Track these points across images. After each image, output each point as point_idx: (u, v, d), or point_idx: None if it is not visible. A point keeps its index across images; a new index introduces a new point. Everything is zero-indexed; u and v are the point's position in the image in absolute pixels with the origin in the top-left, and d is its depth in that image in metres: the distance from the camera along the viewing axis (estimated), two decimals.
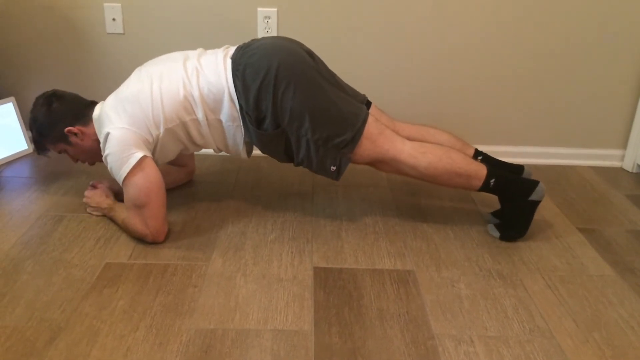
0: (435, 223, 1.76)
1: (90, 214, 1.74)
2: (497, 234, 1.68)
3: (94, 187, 1.77)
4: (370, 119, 1.59)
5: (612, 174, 2.21)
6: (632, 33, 2.10)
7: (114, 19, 2.08)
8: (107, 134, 1.51)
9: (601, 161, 2.30)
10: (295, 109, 1.54)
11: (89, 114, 1.65)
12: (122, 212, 1.63)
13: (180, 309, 1.33)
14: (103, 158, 1.54)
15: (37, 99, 1.68)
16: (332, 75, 1.69)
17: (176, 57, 1.65)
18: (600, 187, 2.09)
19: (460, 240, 1.67)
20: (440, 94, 2.20)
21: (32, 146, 2.22)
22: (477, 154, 1.78)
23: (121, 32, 2.10)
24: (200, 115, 1.58)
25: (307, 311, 1.33)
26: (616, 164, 2.30)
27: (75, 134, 1.63)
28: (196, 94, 1.56)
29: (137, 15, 2.08)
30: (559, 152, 2.28)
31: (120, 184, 1.53)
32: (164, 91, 1.56)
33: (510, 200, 1.65)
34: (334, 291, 1.41)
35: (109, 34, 2.10)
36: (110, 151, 1.51)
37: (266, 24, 2.08)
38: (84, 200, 1.75)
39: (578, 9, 2.07)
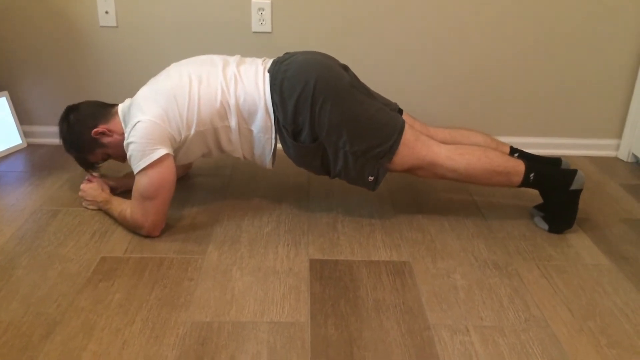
0: (431, 214, 1.76)
1: (85, 207, 1.74)
2: (545, 226, 1.68)
3: (89, 180, 1.76)
4: (405, 126, 1.59)
5: (607, 164, 2.21)
6: (626, 22, 2.10)
7: (106, 12, 2.06)
8: (136, 123, 1.50)
9: (596, 151, 2.30)
10: (333, 123, 1.54)
11: (108, 112, 1.66)
12: (118, 205, 1.63)
13: (176, 302, 1.33)
14: (125, 144, 1.53)
15: (59, 122, 1.68)
16: (365, 86, 1.70)
17: (215, 60, 1.64)
18: (596, 176, 2.09)
19: (455, 231, 1.67)
20: (434, 86, 2.19)
21: (26, 141, 2.21)
22: (513, 151, 1.78)
23: (114, 25, 2.09)
24: (233, 123, 1.58)
25: (303, 303, 1.34)
26: (611, 153, 2.30)
27: (104, 133, 1.63)
28: (232, 102, 1.56)
29: (130, 8, 2.07)
30: (554, 142, 2.28)
31: (135, 173, 1.52)
32: (202, 94, 1.55)
33: (552, 193, 1.65)
34: (330, 283, 1.41)
35: (101, 27, 2.09)
36: (135, 140, 1.50)
37: (260, 16, 2.07)
38: (80, 194, 1.74)
39: None
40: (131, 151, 1.51)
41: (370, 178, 1.61)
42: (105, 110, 1.67)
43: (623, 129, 2.26)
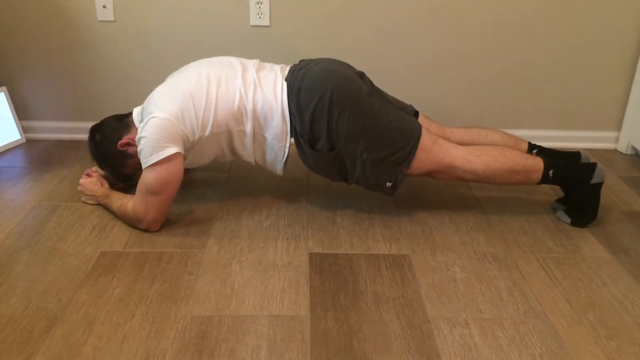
0: (431, 207, 1.76)
1: (85, 202, 1.74)
2: (568, 219, 1.68)
3: (88, 175, 1.76)
4: (422, 131, 1.59)
5: (606, 156, 2.21)
6: (625, 15, 2.09)
7: (104, 6, 2.06)
8: (151, 118, 1.50)
9: (596, 143, 2.30)
10: (351, 132, 1.54)
11: (127, 122, 1.67)
12: (118, 199, 1.63)
13: (176, 296, 1.33)
14: (137, 138, 1.53)
15: (87, 143, 1.71)
16: (380, 92, 1.70)
17: (234, 64, 1.64)
18: None
19: (455, 224, 1.67)
20: (431, 80, 2.19)
21: (24, 136, 2.21)
22: (531, 147, 1.77)
23: (112, 19, 2.08)
24: (248, 128, 1.58)
25: (303, 296, 1.34)
26: (610, 145, 2.30)
27: (129, 144, 1.63)
28: (250, 107, 1.56)
29: (128, 2, 2.06)
30: (553, 134, 2.28)
31: (144, 167, 1.52)
32: (220, 97, 1.55)
33: (573, 188, 1.65)
34: (330, 276, 1.42)
35: (99, 21, 2.08)
36: (147, 135, 1.50)
37: (258, 10, 2.06)
38: (79, 188, 1.74)
39: None
40: (142, 145, 1.51)
41: (389, 184, 1.61)
42: (124, 120, 1.68)
43: (622, 121, 2.26)
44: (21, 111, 2.22)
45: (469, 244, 1.57)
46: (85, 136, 2.21)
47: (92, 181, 1.73)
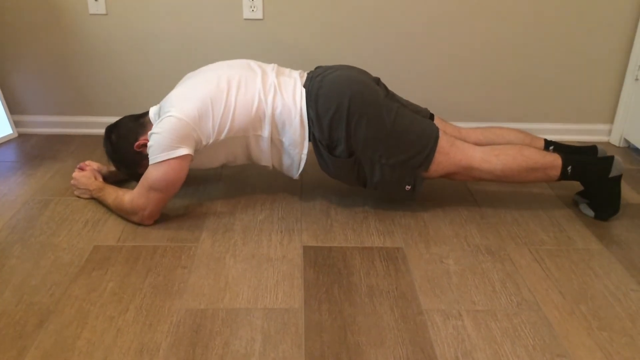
0: (424, 200, 1.77)
1: (78, 196, 1.73)
2: (591, 213, 1.69)
3: (81, 169, 1.75)
4: (439, 133, 1.59)
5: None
6: (618, 7, 2.10)
7: (96, 0, 2.05)
8: (168, 116, 1.49)
9: (588, 136, 2.31)
10: (369, 138, 1.55)
11: (143, 122, 1.66)
12: (113, 192, 1.63)
13: (170, 290, 1.33)
14: (149, 133, 1.53)
15: (103, 144, 1.70)
16: (396, 97, 1.70)
17: (253, 66, 1.64)
18: None
19: (448, 217, 1.68)
20: (423, 72, 2.19)
21: (17, 130, 2.20)
22: (548, 144, 1.77)
23: (104, 12, 2.06)
24: (266, 133, 1.58)
25: (297, 289, 1.34)
26: (604, 138, 2.31)
27: (145, 145, 1.61)
28: (269, 111, 1.56)
29: None
30: (546, 127, 2.29)
31: (151, 163, 1.52)
32: (239, 103, 1.55)
33: (593, 182, 1.65)
34: (324, 269, 1.42)
35: (91, 14, 2.07)
36: (161, 132, 1.49)
37: (251, 3, 2.05)
38: (72, 182, 1.74)
39: None
40: (153, 141, 1.50)
41: (408, 187, 1.62)
42: (140, 120, 1.67)
43: (615, 113, 2.27)
44: (13, 105, 2.20)
45: (462, 236, 1.58)
46: (77, 130, 2.23)
47: (85, 175, 1.72)
